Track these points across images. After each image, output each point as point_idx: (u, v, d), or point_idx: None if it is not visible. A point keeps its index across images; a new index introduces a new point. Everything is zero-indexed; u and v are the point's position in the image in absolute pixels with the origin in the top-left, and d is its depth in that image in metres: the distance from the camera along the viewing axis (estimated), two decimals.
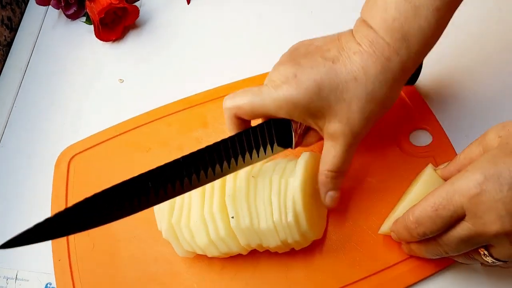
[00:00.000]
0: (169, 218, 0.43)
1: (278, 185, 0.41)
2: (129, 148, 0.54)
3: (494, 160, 0.32)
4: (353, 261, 0.43)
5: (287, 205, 0.40)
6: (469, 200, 0.32)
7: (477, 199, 0.32)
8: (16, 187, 0.56)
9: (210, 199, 0.42)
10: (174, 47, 0.65)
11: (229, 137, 0.41)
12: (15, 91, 0.65)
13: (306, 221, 0.41)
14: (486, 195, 0.31)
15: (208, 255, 0.43)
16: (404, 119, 0.50)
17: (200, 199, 0.42)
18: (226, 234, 0.41)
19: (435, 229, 0.35)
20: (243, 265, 0.45)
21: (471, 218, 0.33)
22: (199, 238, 0.42)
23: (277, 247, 0.42)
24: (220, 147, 0.40)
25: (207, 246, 0.42)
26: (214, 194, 0.42)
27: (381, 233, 0.43)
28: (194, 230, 0.42)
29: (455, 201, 0.33)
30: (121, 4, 0.62)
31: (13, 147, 0.60)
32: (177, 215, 0.43)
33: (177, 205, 0.43)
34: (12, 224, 0.53)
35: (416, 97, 0.52)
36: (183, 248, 0.43)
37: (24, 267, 0.50)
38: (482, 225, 0.32)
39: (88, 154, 0.54)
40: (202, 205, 0.42)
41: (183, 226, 0.42)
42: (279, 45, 0.58)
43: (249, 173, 0.42)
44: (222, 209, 0.41)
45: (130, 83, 0.62)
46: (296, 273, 0.44)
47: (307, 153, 0.44)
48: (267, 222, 0.40)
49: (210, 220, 0.41)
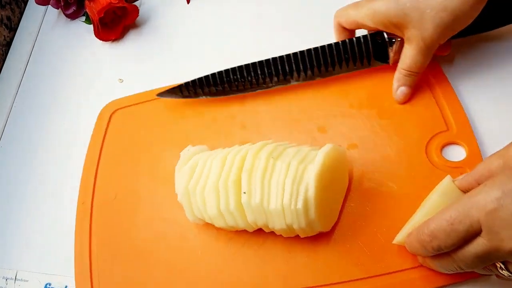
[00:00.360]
0: (187, 182, 0.44)
1: (295, 170, 0.41)
2: (167, 112, 0.56)
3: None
4: (357, 260, 0.43)
5: (299, 191, 0.41)
6: (486, 215, 0.32)
7: (494, 214, 0.31)
8: (15, 189, 0.57)
9: (227, 172, 0.43)
10: (174, 47, 0.65)
11: (330, 44, 0.51)
12: (15, 90, 0.66)
13: (314, 211, 0.41)
14: (503, 210, 0.31)
15: (215, 225, 0.44)
16: (441, 131, 0.49)
17: (219, 169, 0.43)
18: (235, 208, 0.42)
19: (449, 244, 0.35)
20: (249, 241, 0.46)
21: (487, 234, 0.32)
22: (210, 207, 0.43)
23: (282, 231, 0.42)
24: (323, 50, 0.51)
25: (215, 216, 0.43)
26: (232, 167, 0.43)
27: (396, 243, 0.42)
28: (207, 198, 0.43)
29: (472, 215, 0.33)
30: (121, 3, 0.63)
31: (12, 147, 0.61)
32: (194, 182, 0.44)
33: (196, 171, 0.45)
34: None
35: (460, 112, 0.50)
36: (194, 214, 0.45)
37: (24, 268, 0.51)
38: (498, 241, 0.32)
39: (129, 111, 0.57)
40: (219, 176, 0.43)
41: (197, 192, 0.44)
42: (278, 45, 0.59)
43: (269, 154, 0.43)
44: (236, 183, 0.42)
45: (129, 83, 0.63)
46: (297, 259, 0.44)
47: (330, 145, 0.43)
48: (276, 204, 0.41)
49: (223, 191, 0.42)
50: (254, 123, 0.53)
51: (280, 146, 0.44)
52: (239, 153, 0.44)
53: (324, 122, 0.51)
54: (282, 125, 0.52)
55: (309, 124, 0.52)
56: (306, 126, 0.52)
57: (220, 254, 0.46)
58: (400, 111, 0.51)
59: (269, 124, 0.53)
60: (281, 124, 0.52)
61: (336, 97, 0.53)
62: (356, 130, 0.50)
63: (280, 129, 0.52)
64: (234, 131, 0.53)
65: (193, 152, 0.48)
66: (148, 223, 0.49)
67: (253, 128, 0.53)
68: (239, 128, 0.53)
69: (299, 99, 0.54)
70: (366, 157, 0.48)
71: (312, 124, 0.52)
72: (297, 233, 0.43)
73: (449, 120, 0.49)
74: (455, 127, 0.49)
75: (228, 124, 0.54)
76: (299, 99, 0.54)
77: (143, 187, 0.51)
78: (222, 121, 0.54)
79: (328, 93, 0.53)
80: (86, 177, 0.53)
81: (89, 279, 0.47)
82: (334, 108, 0.52)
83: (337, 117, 0.52)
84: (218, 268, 0.45)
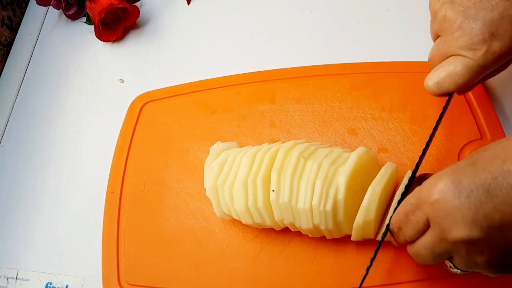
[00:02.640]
0: (215, 177, 0.45)
1: (326, 171, 0.41)
2: (197, 107, 0.56)
3: (456, 169, 0.33)
4: (384, 266, 0.43)
5: (329, 192, 0.41)
6: (430, 206, 0.33)
7: (437, 205, 0.33)
8: (15, 190, 0.57)
9: (257, 168, 0.43)
10: (175, 47, 0.64)
11: None
12: (16, 91, 0.65)
13: (343, 213, 0.41)
14: (445, 202, 0.32)
15: (242, 221, 0.44)
16: (474, 139, 0.48)
17: (248, 166, 0.44)
18: (263, 205, 0.42)
19: (409, 234, 0.36)
20: (275, 240, 0.46)
21: (432, 224, 0.34)
22: (238, 203, 0.43)
23: (308, 230, 0.42)
24: None
25: (243, 212, 0.43)
26: (262, 165, 0.43)
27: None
28: (235, 194, 0.43)
29: (420, 207, 0.34)
30: (122, 4, 0.62)
31: (13, 147, 0.61)
32: (223, 177, 0.44)
33: (226, 167, 0.45)
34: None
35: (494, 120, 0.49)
36: (221, 209, 0.45)
37: (25, 267, 0.51)
38: (441, 232, 0.33)
39: (159, 104, 0.58)
40: (248, 172, 0.43)
41: (226, 188, 0.44)
42: (279, 45, 0.59)
43: (300, 153, 0.43)
44: (265, 180, 0.42)
45: (130, 83, 0.62)
46: (323, 261, 0.44)
47: (363, 148, 0.43)
48: (305, 204, 0.41)
49: (251, 188, 0.42)
50: (284, 122, 0.53)
51: (312, 146, 0.44)
52: (269, 151, 0.44)
53: (354, 124, 0.51)
54: (312, 125, 0.52)
55: (339, 125, 0.51)
56: (336, 128, 0.51)
57: (245, 251, 0.46)
58: (433, 117, 0.50)
59: (299, 124, 0.53)
60: (311, 124, 0.52)
61: (367, 100, 0.52)
62: (387, 134, 0.50)
63: (310, 129, 0.52)
64: (263, 129, 0.53)
65: (222, 148, 0.49)
66: (175, 215, 0.49)
67: (282, 127, 0.53)
68: (268, 127, 0.53)
69: (330, 100, 0.53)
70: (396, 162, 0.47)
71: (343, 126, 0.51)
72: (323, 234, 0.43)
73: (483, 128, 0.49)
74: (489, 135, 0.48)
75: (258, 122, 0.54)
76: (330, 100, 0.53)
77: (171, 179, 0.51)
78: (252, 118, 0.54)
79: (359, 95, 0.53)
80: (115, 167, 0.54)
81: (116, 267, 0.48)
82: (366, 111, 0.52)
83: (368, 120, 0.51)
84: (243, 265, 0.45)
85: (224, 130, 0.54)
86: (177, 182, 0.51)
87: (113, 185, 0.52)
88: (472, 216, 0.31)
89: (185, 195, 0.50)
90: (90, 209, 0.53)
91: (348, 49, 0.58)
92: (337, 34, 0.60)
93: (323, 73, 0.56)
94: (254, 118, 0.54)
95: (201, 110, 0.56)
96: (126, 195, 0.51)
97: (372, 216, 0.40)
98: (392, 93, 0.52)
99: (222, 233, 0.47)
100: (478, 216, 0.31)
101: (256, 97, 0.56)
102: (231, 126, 0.54)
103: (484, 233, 0.31)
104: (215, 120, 0.55)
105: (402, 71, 0.53)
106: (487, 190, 0.30)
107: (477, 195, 0.31)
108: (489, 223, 0.31)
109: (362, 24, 0.60)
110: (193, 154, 0.53)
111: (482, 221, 0.31)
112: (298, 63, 0.57)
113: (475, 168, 0.32)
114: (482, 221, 0.31)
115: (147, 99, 0.59)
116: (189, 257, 0.47)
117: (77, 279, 0.50)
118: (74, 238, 0.52)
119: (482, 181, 0.31)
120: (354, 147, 0.49)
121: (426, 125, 0.50)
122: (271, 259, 0.45)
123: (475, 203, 0.31)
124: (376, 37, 0.59)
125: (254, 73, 0.58)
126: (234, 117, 0.55)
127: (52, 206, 0.55)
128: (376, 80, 0.54)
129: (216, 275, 0.46)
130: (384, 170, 0.42)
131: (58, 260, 0.51)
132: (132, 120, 0.57)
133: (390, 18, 0.60)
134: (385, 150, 0.49)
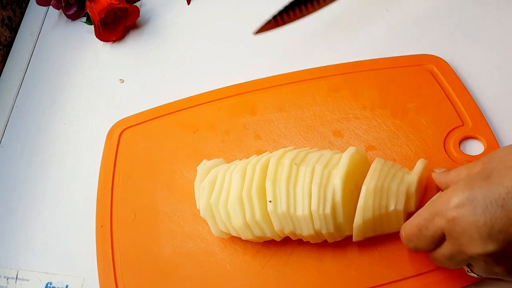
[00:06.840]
0: (208, 197, 0.44)
1: (321, 175, 0.41)
2: (178, 127, 0.55)
3: (471, 184, 0.33)
4: (389, 262, 0.43)
5: (327, 196, 0.40)
6: (447, 222, 0.34)
7: (453, 221, 0.33)
8: (15, 190, 0.57)
9: (250, 181, 0.42)
10: (175, 48, 0.64)
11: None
12: (16, 91, 0.65)
13: (343, 214, 0.40)
14: (461, 218, 0.33)
15: (242, 237, 0.43)
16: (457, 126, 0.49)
17: (240, 180, 0.43)
18: (262, 217, 0.41)
19: (422, 246, 0.38)
20: (278, 252, 0.45)
21: (449, 239, 0.35)
22: (235, 219, 0.42)
23: (310, 237, 0.42)
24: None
25: (241, 228, 0.42)
26: (254, 177, 0.43)
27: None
28: (231, 210, 0.42)
29: (435, 222, 0.35)
30: (122, 4, 0.62)
31: (13, 147, 0.60)
32: (216, 195, 0.43)
33: (217, 185, 0.44)
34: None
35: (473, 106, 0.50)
36: (218, 228, 0.44)
37: (25, 267, 0.51)
38: (459, 246, 0.34)
39: (138, 129, 0.56)
40: (241, 186, 0.42)
41: (220, 206, 0.43)
42: (279, 45, 0.59)
43: (292, 160, 0.42)
44: (260, 192, 0.42)
45: (130, 84, 0.62)
46: (329, 267, 0.43)
47: (354, 147, 0.43)
48: (303, 210, 0.40)
49: (247, 202, 0.42)
50: (268, 132, 0.53)
51: (302, 151, 0.44)
52: (259, 162, 0.44)
53: (338, 126, 0.51)
54: (296, 132, 0.52)
55: (324, 129, 0.51)
56: (321, 132, 0.51)
57: (249, 267, 0.45)
58: (413, 109, 0.51)
59: (284, 132, 0.52)
60: (295, 131, 0.52)
61: (347, 100, 0.53)
62: (372, 131, 0.50)
63: (295, 136, 0.52)
64: (249, 141, 0.52)
65: (209, 165, 0.48)
66: (171, 240, 0.48)
67: (267, 137, 0.52)
68: (253, 138, 0.53)
69: (310, 105, 0.53)
70: (385, 158, 0.47)
71: (327, 129, 0.51)
72: (325, 238, 0.43)
73: (463, 114, 0.50)
74: (470, 121, 0.49)
75: (242, 135, 0.53)
76: (310, 105, 0.53)
77: (161, 204, 0.50)
78: (235, 132, 0.53)
79: (339, 97, 0.53)
80: (101, 199, 0.52)
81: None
82: (347, 111, 0.52)
83: (351, 120, 0.51)
84: (249, 282, 0.44)
85: (209, 148, 0.53)
86: (168, 206, 0.50)
87: (101, 219, 0.50)
88: (487, 231, 0.32)
89: (179, 218, 0.49)
90: (90, 209, 0.52)
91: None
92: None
93: (300, 78, 0.56)
94: (238, 132, 0.53)
95: (182, 130, 0.55)
96: (116, 227, 0.50)
97: (370, 213, 0.40)
98: (370, 90, 0.53)
99: (223, 252, 0.46)
100: (493, 230, 0.32)
101: (236, 110, 0.55)
102: (215, 143, 0.53)
103: (500, 246, 0.32)
104: (198, 138, 0.54)
105: (378, 68, 0.54)
106: (502, 205, 0.31)
107: (491, 210, 0.31)
108: (504, 236, 0.31)
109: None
110: (180, 175, 0.52)
111: (497, 235, 0.32)
112: (278, 71, 0.57)
113: (489, 182, 0.32)
114: (497, 235, 0.32)
115: (124, 125, 0.57)
116: (192, 281, 0.45)
117: (77, 279, 0.49)
118: (74, 238, 0.51)
119: (496, 196, 0.31)
120: (341, 148, 0.50)
121: (408, 118, 0.50)
122: (277, 272, 0.44)
123: (490, 218, 0.31)
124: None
125: (231, 86, 0.57)
126: (217, 133, 0.54)
127: (52, 206, 0.54)
128: (353, 79, 0.54)
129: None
130: (373, 167, 0.42)
131: (58, 260, 0.51)
132: (112, 149, 0.56)
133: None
134: (373, 147, 0.49)
